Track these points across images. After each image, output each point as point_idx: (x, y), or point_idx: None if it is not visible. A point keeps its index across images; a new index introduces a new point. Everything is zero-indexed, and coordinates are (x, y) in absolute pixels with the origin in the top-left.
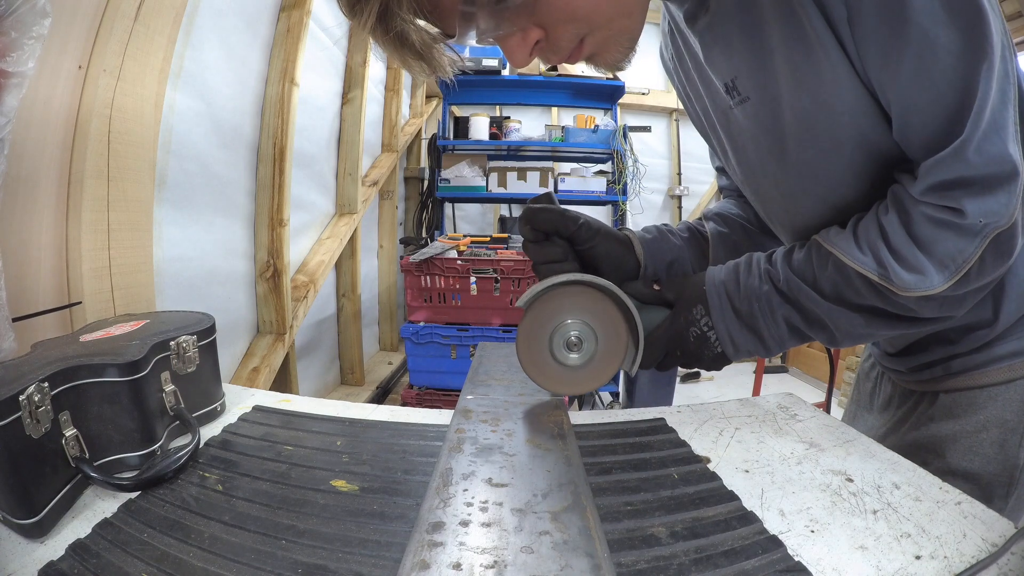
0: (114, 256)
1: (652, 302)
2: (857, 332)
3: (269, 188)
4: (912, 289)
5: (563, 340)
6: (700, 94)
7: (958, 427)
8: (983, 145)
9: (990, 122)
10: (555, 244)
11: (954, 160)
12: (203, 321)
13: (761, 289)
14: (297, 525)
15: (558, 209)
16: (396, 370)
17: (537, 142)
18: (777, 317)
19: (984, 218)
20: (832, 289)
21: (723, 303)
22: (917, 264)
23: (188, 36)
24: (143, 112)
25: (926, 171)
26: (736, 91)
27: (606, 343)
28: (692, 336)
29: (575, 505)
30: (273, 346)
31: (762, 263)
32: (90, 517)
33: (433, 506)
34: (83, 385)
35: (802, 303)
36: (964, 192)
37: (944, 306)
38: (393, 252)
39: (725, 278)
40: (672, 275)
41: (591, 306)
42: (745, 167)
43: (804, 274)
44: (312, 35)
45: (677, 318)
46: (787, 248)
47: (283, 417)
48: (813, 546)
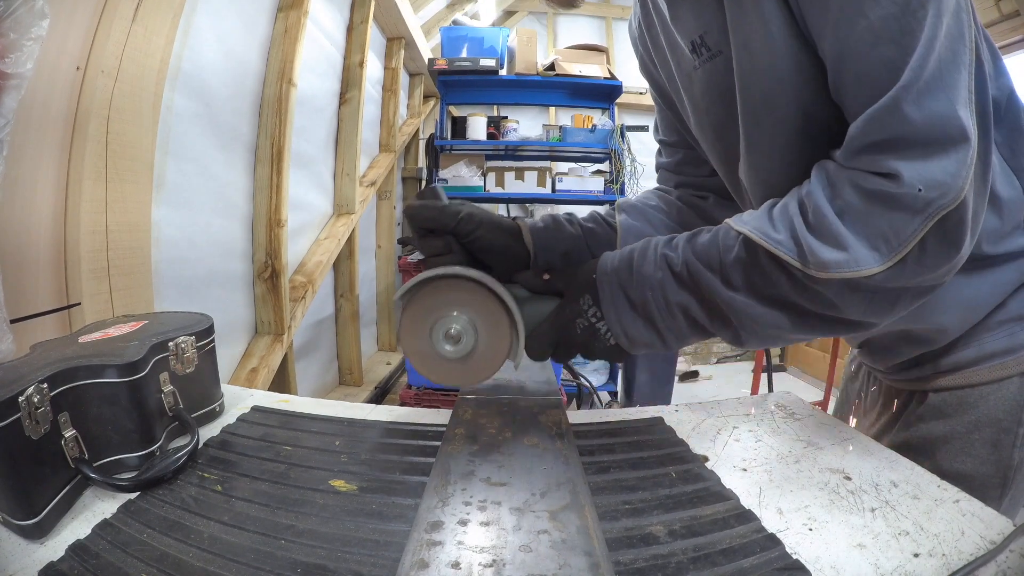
0: (112, 257)
1: (542, 292)
2: (764, 331)
3: (267, 188)
4: (832, 270)
5: (442, 333)
6: (666, 59)
7: (949, 428)
8: (925, 100)
9: (935, 75)
10: (438, 237)
11: (887, 114)
12: (202, 322)
13: (655, 276)
14: (296, 525)
15: (437, 204)
16: (394, 370)
17: (535, 142)
18: (672, 308)
19: (924, 188)
20: (739, 275)
21: (614, 292)
22: (840, 240)
23: (186, 37)
24: (141, 113)
25: (856, 131)
26: (705, 46)
27: (487, 336)
28: (579, 328)
29: (573, 504)
30: (271, 347)
31: (660, 247)
32: (90, 518)
33: (432, 505)
34: (82, 386)
35: (702, 292)
36: (900, 154)
37: (873, 303)
38: (391, 252)
39: (618, 265)
40: (568, 265)
41: (470, 299)
42: (709, 129)
43: (708, 258)
44: (310, 35)
45: (563, 309)
46: (693, 231)
47: (282, 417)
48: (811, 544)
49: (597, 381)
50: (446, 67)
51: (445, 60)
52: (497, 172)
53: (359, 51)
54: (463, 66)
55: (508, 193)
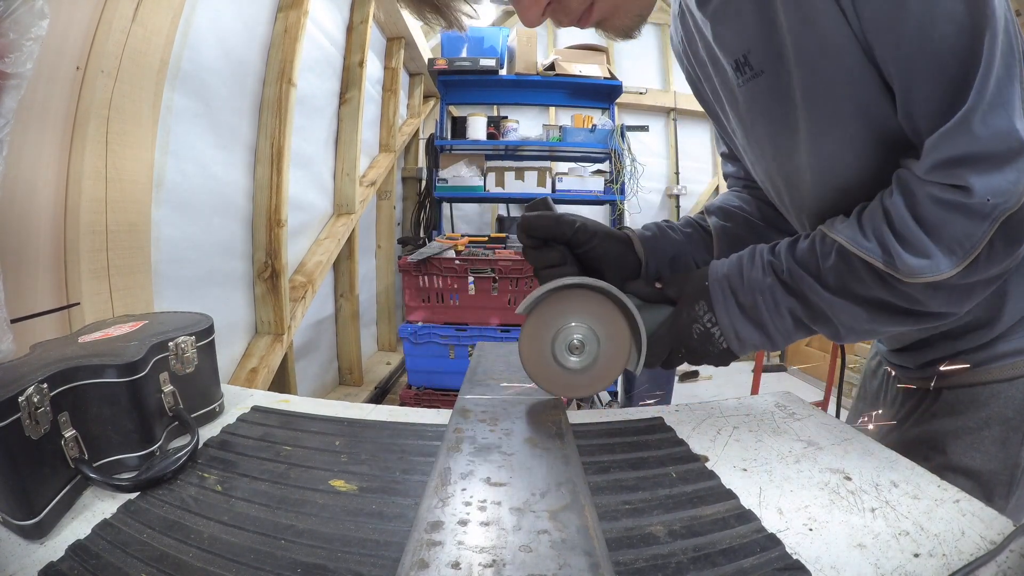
0: (112, 257)
1: (655, 300)
2: (861, 327)
3: (267, 188)
4: (918, 275)
5: (565, 344)
6: (710, 75)
7: (960, 423)
8: (989, 118)
9: (995, 94)
10: (553, 249)
11: (959, 133)
12: (201, 322)
13: (764, 281)
14: (296, 525)
15: (553, 215)
16: (394, 370)
17: (535, 142)
18: (782, 310)
19: (992, 197)
20: (836, 279)
21: (727, 297)
22: (923, 248)
23: (186, 37)
24: (141, 112)
25: (931, 147)
26: (748, 66)
27: (608, 344)
28: (696, 333)
29: (573, 504)
30: (271, 346)
31: (765, 255)
32: (90, 518)
33: (432, 505)
34: (82, 386)
35: (806, 295)
36: (970, 169)
37: (952, 297)
38: (391, 252)
39: (728, 272)
40: (675, 271)
41: (591, 308)
42: (755, 146)
43: (808, 264)
44: (310, 35)
45: (680, 315)
46: (792, 239)
47: (282, 417)
48: (811, 544)
49: None
50: (446, 67)
51: (445, 60)
52: (497, 172)
53: (359, 51)
54: (463, 66)
55: (508, 193)
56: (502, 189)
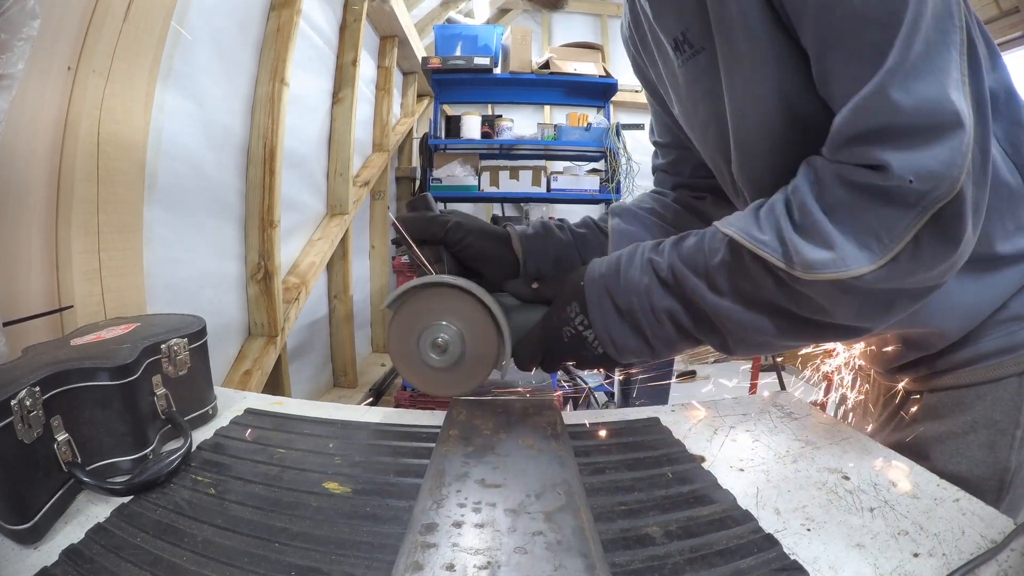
0: (104, 259)
1: (531, 300)
2: (752, 338)
3: (259, 189)
4: (819, 270)
5: (429, 342)
6: (654, 58)
7: (944, 428)
8: (912, 84)
9: (923, 57)
10: (426, 248)
11: (874, 101)
12: (194, 324)
13: (641, 282)
14: (290, 528)
15: (425, 215)
16: (389, 371)
17: (529, 141)
18: (660, 314)
19: (915, 179)
20: (726, 280)
21: (601, 299)
22: (827, 239)
23: (178, 35)
24: (133, 113)
25: (842, 121)
26: (687, 43)
27: (474, 345)
28: (566, 336)
29: (569, 505)
30: (265, 348)
31: (647, 252)
32: (83, 522)
33: (426, 507)
34: (74, 389)
35: (688, 297)
36: (888, 144)
37: (865, 307)
38: (385, 252)
39: (605, 271)
40: (559, 272)
41: (456, 307)
42: (698, 127)
43: (693, 262)
44: (303, 34)
45: (550, 317)
46: (681, 235)
47: (275, 420)
48: (809, 544)
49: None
50: (440, 65)
51: (439, 58)
52: (492, 171)
53: (352, 50)
54: (457, 64)
55: (503, 192)
56: (497, 189)
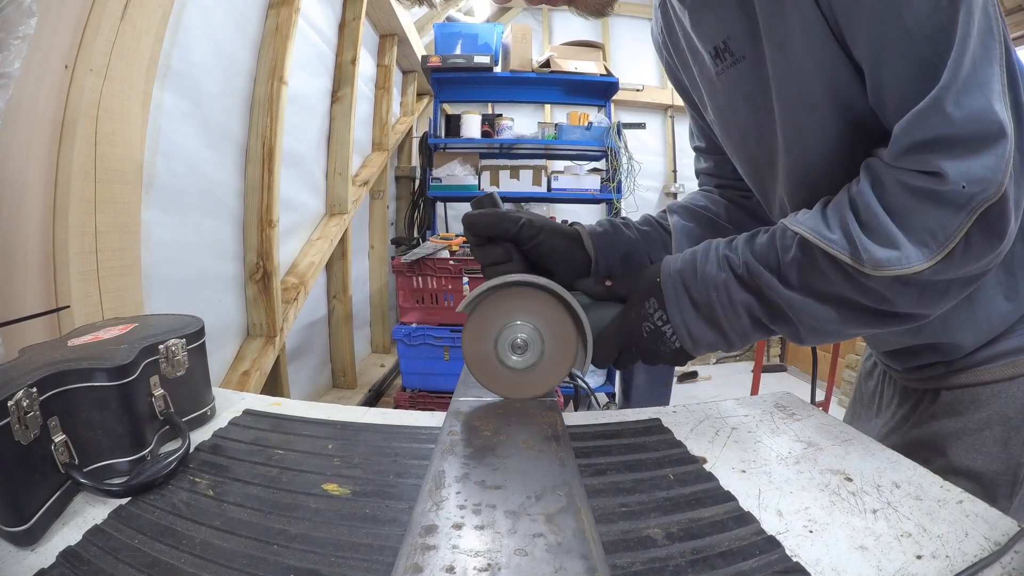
0: (102, 259)
1: (605, 298)
2: (824, 327)
3: (258, 188)
4: (885, 267)
5: (508, 343)
6: (688, 65)
7: (960, 424)
8: (963, 98)
9: (971, 73)
10: (498, 245)
11: (930, 114)
12: (192, 324)
13: (719, 277)
14: (288, 530)
15: (496, 212)
16: (388, 372)
17: (530, 140)
18: (737, 307)
19: (967, 184)
20: (797, 275)
21: (679, 294)
22: (891, 239)
23: (175, 34)
24: (130, 112)
25: (901, 131)
26: (728, 52)
27: (554, 344)
28: (645, 331)
29: (569, 507)
30: (263, 349)
31: (721, 249)
32: (80, 524)
33: (426, 509)
34: (72, 390)
35: (763, 291)
36: (943, 153)
37: (924, 296)
38: (384, 253)
39: (681, 267)
40: (628, 269)
41: (535, 306)
42: (736, 134)
43: (767, 258)
44: (301, 32)
45: (628, 313)
46: (752, 232)
47: (274, 421)
48: (812, 546)
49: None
50: (440, 64)
51: (439, 57)
52: (492, 171)
53: (351, 48)
54: (457, 63)
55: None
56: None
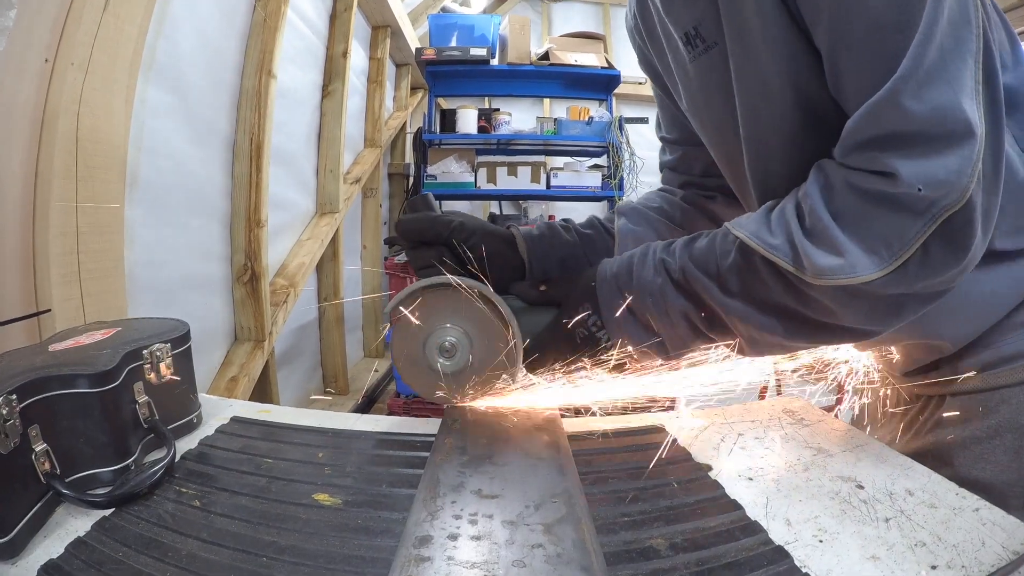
0: (84, 261)
1: (539, 303)
2: (765, 339)
3: (246, 187)
4: (827, 276)
5: (436, 346)
6: (663, 51)
7: (967, 433)
8: (925, 91)
9: (936, 64)
10: (430, 249)
11: (885, 107)
12: (177, 328)
13: (655, 282)
14: (278, 541)
15: (428, 216)
16: (382, 378)
17: (528, 135)
18: (673, 314)
19: (924, 187)
20: (736, 281)
21: (613, 299)
22: (837, 245)
23: (160, 26)
24: (113, 107)
25: (852, 126)
26: (699, 38)
27: (483, 349)
28: (579, 338)
29: (569, 516)
30: (252, 354)
31: (658, 252)
32: (63, 536)
33: (420, 519)
34: (53, 397)
35: (700, 297)
36: (897, 151)
37: (874, 312)
38: (377, 253)
39: (617, 271)
40: (566, 273)
41: (463, 310)
42: (709, 123)
43: (705, 263)
44: (291, 24)
45: (561, 318)
46: (692, 235)
47: (263, 428)
48: (822, 556)
49: None
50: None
51: (433, 49)
52: (489, 167)
53: (343, 40)
54: (452, 56)
55: (500, 190)
56: (494, 186)
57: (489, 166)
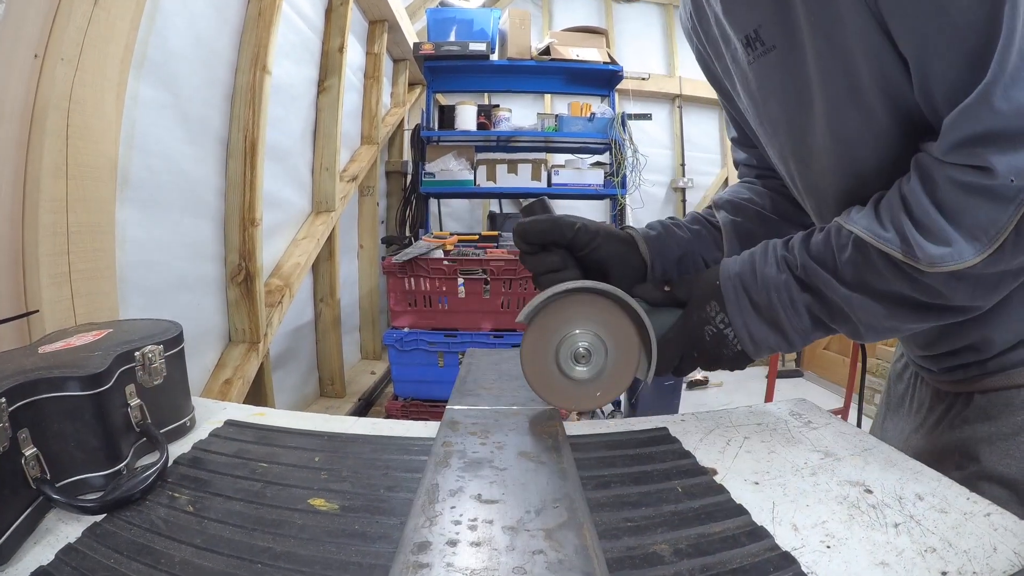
0: (74, 261)
1: (663, 304)
2: (881, 324)
3: (240, 185)
4: (939, 264)
5: (570, 353)
6: (721, 53)
7: (994, 429)
8: (1012, 91)
9: (1018, 66)
10: (552, 252)
11: (979, 108)
12: (170, 330)
13: (779, 278)
14: (273, 547)
15: (550, 217)
16: (379, 380)
17: (529, 132)
18: (798, 307)
19: (1016, 178)
20: (853, 273)
21: (739, 297)
22: (944, 235)
23: (152, 21)
24: (104, 104)
25: (949, 125)
26: (759, 41)
27: (616, 352)
28: (708, 335)
29: (571, 522)
30: (246, 356)
31: (779, 250)
32: (53, 542)
33: (418, 525)
34: (42, 400)
35: (822, 291)
36: (992, 148)
37: (978, 289)
38: (374, 252)
39: (740, 270)
40: (683, 271)
41: (597, 314)
42: (768, 126)
43: (823, 258)
44: (286, 18)
45: (690, 318)
46: (806, 232)
47: (257, 432)
48: (829, 563)
49: None
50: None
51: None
52: (488, 165)
53: (339, 35)
54: (451, 51)
55: (500, 188)
56: (494, 183)
57: (489, 164)
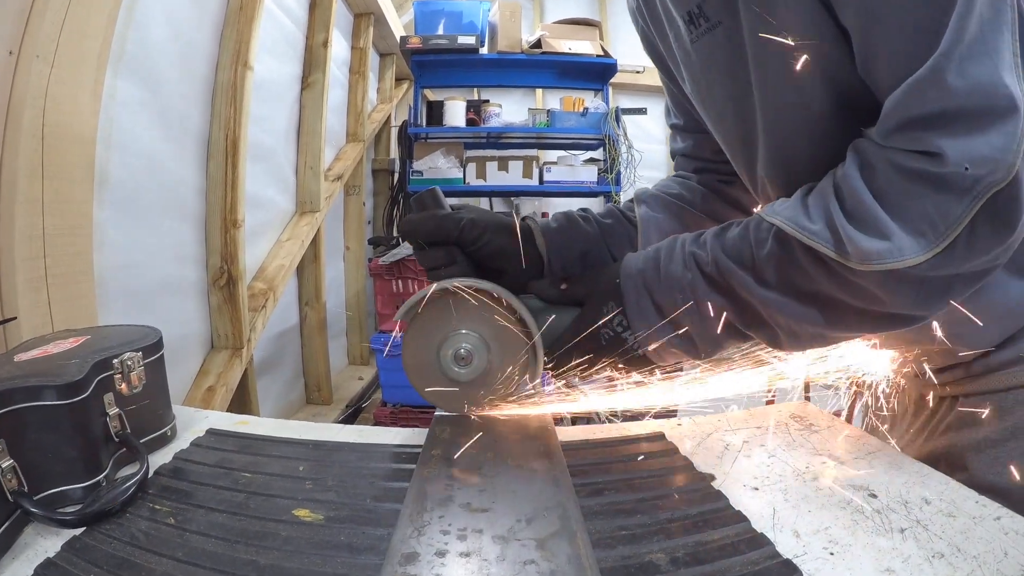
0: (51, 265)
1: (560, 302)
2: (804, 331)
3: (221, 185)
4: (873, 261)
5: (451, 354)
6: (665, 33)
7: (982, 435)
8: (967, 66)
9: (977, 38)
10: (439, 248)
11: (928, 85)
12: (149, 336)
13: (684, 277)
14: (257, 560)
15: (434, 215)
16: (368, 386)
17: (520, 128)
18: (704, 311)
19: (971, 165)
20: (774, 272)
21: (640, 297)
22: (881, 228)
23: (131, 14)
24: (81, 101)
25: (893, 105)
26: (703, 17)
27: (501, 354)
28: (604, 339)
29: (563, 531)
30: (229, 362)
31: (688, 245)
32: (31, 557)
33: (406, 535)
34: (18, 410)
35: (735, 291)
36: (942, 130)
37: (922, 294)
38: (361, 254)
39: (643, 267)
40: (587, 268)
41: (479, 313)
42: (713, 110)
43: (739, 254)
44: (268, 12)
45: (585, 319)
46: (722, 225)
47: (240, 441)
48: (833, 570)
49: None
50: (420, 46)
51: (419, 38)
52: (478, 162)
53: (323, 29)
54: (439, 44)
55: (490, 185)
56: (484, 181)
57: (478, 161)
